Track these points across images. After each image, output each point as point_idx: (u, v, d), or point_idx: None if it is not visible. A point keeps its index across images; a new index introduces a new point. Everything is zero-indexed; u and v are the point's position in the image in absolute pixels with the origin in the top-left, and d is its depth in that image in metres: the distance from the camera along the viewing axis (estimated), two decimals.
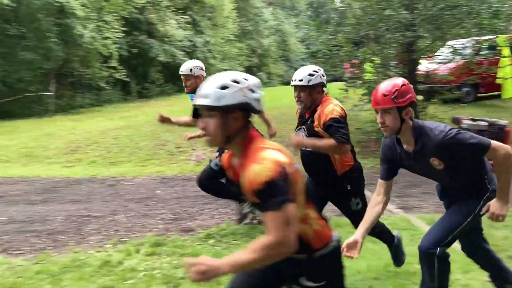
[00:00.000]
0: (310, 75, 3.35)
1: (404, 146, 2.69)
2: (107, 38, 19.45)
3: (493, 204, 2.64)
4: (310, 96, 3.37)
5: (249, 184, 1.70)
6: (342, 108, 3.33)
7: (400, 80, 2.61)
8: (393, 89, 2.53)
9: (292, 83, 3.42)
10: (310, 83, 3.35)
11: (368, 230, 2.59)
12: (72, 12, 18.11)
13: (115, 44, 20.30)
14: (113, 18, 20.14)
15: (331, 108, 3.27)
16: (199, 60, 4.85)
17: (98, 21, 19.36)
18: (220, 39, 29.47)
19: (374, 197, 2.74)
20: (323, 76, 3.42)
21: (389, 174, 2.79)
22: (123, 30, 20.88)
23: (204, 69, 4.74)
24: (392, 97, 2.52)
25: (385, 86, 2.58)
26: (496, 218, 2.63)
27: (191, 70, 4.63)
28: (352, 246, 2.45)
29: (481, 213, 2.73)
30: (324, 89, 3.45)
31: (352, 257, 2.38)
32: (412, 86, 2.64)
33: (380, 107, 2.56)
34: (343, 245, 2.43)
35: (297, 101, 3.44)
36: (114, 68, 20.29)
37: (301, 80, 3.35)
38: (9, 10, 16.67)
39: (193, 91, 4.59)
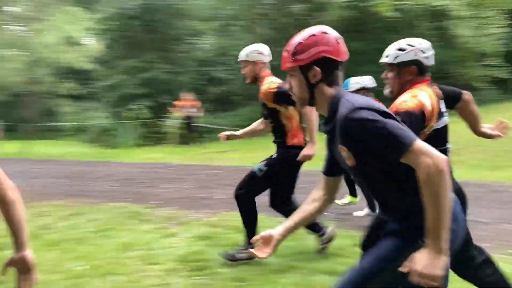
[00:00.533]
0: (400, 50, 2.72)
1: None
2: (490, 35, 18.31)
3: (419, 258, 1.64)
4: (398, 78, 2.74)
5: None
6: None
7: (313, 30, 1.89)
8: (296, 42, 1.88)
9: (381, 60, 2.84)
10: (396, 61, 2.71)
11: (292, 229, 2.04)
12: (451, 14, 18.04)
13: (499, 40, 18.82)
14: (495, 13, 18.83)
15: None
16: None
17: (478, 19, 18.56)
18: None
19: (312, 192, 2.10)
20: (422, 52, 2.69)
21: (327, 167, 2.03)
22: (508, 24, 19.22)
23: (265, 53, 3.98)
24: (292, 53, 1.88)
25: (294, 39, 1.92)
26: (424, 280, 1.62)
27: (247, 55, 3.96)
28: (266, 241, 1.96)
29: (401, 270, 1.70)
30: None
31: (261, 257, 1.94)
32: (330, 37, 1.87)
33: (284, 69, 1.94)
34: (257, 237, 2.00)
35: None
36: (492, 66, 18.91)
37: (387, 57, 2.77)
38: (392, 21, 18.07)
39: (253, 80, 4.01)
